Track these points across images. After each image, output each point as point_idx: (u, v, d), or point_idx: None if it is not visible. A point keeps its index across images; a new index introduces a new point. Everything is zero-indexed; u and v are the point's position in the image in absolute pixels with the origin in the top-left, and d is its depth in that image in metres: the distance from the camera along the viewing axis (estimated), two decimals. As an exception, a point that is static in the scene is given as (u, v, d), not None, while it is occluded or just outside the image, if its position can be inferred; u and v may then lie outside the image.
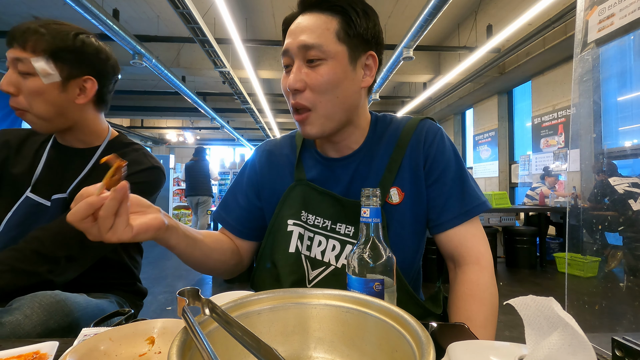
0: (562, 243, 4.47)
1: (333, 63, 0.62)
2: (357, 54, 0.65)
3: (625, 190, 1.91)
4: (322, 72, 0.62)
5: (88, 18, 3.73)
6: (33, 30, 0.77)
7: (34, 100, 0.80)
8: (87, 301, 0.77)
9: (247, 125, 12.63)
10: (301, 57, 0.63)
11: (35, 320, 0.63)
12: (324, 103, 0.64)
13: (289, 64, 0.65)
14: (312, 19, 0.63)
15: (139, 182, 0.88)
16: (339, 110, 0.66)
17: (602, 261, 1.06)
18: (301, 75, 0.63)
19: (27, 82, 0.78)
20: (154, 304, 3.09)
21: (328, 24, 0.62)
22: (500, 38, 4.32)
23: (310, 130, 0.66)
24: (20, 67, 0.77)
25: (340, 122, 0.67)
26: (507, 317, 0.58)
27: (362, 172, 0.73)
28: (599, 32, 0.65)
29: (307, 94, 0.63)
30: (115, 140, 0.97)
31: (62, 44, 0.80)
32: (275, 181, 0.79)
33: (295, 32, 0.64)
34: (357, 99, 0.68)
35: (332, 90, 0.63)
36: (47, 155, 0.91)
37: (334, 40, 0.62)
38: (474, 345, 0.36)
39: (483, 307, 0.62)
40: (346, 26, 0.63)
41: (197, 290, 0.37)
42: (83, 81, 0.85)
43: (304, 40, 0.62)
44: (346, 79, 0.64)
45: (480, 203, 0.69)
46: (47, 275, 0.74)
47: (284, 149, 0.82)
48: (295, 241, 0.73)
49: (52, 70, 0.79)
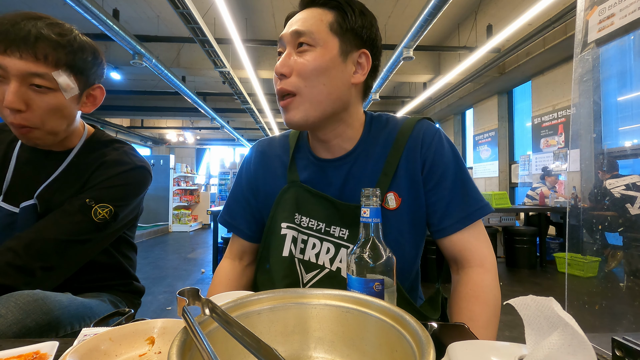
0: (562, 243, 4.47)
1: (321, 50, 0.63)
2: (348, 48, 0.65)
3: (621, 194, 1.91)
4: (309, 58, 0.63)
5: (88, 18, 3.73)
6: (46, 38, 0.70)
7: (52, 116, 0.75)
8: (71, 300, 0.73)
9: (247, 125, 12.64)
10: (292, 44, 0.65)
11: (11, 319, 0.60)
12: (309, 88, 0.63)
13: (282, 52, 0.67)
14: (309, 12, 0.66)
15: (124, 184, 0.84)
16: (324, 99, 0.64)
17: (602, 261, 1.06)
18: (289, 61, 0.64)
19: (47, 97, 0.72)
20: (154, 304, 3.09)
21: (323, 16, 0.65)
22: (500, 38, 4.32)
23: (293, 117, 0.65)
24: (36, 82, 0.70)
25: (325, 113, 0.66)
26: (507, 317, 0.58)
27: (355, 174, 0.71)
28: (599, 32, 0.65)
29: (292, 79, 0.64)
30: (92, 138, 0.90)
31: (80, 55, 0.76)
32: (268, 183, 0.78)
33: (291, 23, 0.66)
34: (347, 93, 0.67)
35: (318, 76, 0.63)
36: (17, 158, 0.85)
37: (326, 30, 0.64)
38: (474, 345, 0.36)
39: (486, 308, 0.62)
40: (340, 20, 0.65)
41: (197, 290, 0.37)
42: (92, 89, 0.83)
43: (296, 28, 0.64)
44: (334, 68, 0.64)
45: (483, 206, 0.68)
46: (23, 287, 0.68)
47: (276, 149, 0.81)
48: (288, 245, 0.72)
49: (73, 83, 0.75)
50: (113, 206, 0.82)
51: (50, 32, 0.71)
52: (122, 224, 0.89)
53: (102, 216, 0.80)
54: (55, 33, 0.72)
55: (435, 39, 6.84)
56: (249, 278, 0.83)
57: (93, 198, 0.80)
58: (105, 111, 9.66)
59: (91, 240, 0.81)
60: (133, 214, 0.93)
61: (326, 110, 0.66)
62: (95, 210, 0.79)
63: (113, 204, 0.82)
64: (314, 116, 0.65)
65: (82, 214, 0.78)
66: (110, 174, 0.83)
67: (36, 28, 0.70)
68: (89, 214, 0.79)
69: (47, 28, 0.71)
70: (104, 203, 0.80)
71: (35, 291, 0.67)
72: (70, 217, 0.77)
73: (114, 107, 9.55)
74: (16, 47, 0.68)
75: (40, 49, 0.69)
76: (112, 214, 0.82)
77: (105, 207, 0.80)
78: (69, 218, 0.77)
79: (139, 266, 3.02)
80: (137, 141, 12.86)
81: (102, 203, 0.80)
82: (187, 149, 14.58)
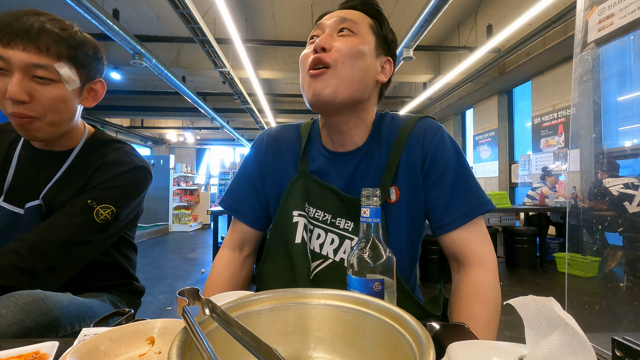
0: (562, 243, 4.47)
1: (361, 39, 0.67)
2: (380, 51, 0.71)
3: (619, 192, 1.91)
4: (350, 40, 0.67)
5: (88, 18, 3.73)
6: (49, 31, 0.72)
7: (54, 108, 0.76)
8: (71, 300, 0.73)
9: (247, 125, 12.64)
10: (334, 27, 0.68)
11: (11, 319, 0.60)
12: (345, 65, 0.65)
13: (317, 35, 0.70)
14: (350, 11, 0.71)
15: (125, 184, 0.85)
16: (357, 81, 0.66)
17: (602, 261, 1.06)
18: (330, 39, 0.67)
19: (50, 88, 0.74)
20: (154, 304, 3.09)
21: (364, 17, 0.70)
22: (500, 38, 4.32)
23: (322, 89, 0.65)
24: (39, 73, 0.72)
25: (353, 96, 0.67)
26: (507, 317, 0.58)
27: (362, 169, 0.73)
28: (598, 32, 0.65)
29: (332, 53, 0.65)
30: (92, 138, 0.91)
31: (82, 48, 0.77)
32: (278, 169, 0.78)
33: (333, 14, 0.71)
34: (372, 86, 0.71)
35: (356, 58, 0.66)
36: (19, 158, 0.85)
37: (367, 27, 0.70)
38: (474, 345, 0.36)
39: (486, 307, 0.62)
40: (377, 26, 0.71)
41: (197, 290, 0.37)
42: (93, 84, 0.84)
43: (342, 15, 0.68)
44: (368, 58, 0.68)
45: (484, 203, 0.68)
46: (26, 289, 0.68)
47: (289, 136, 0.81)
48: (301, 232, 0.73)
49: (75, 76, 0.77)
50: (115, 207, 0.82)
51: (52, 26, 0.72)
52: (123, 224, 0.89)
53: (104, 217, 0.80)
54: (57, 27, 0.73)
55: (435, 39, 6.84)
56: (249, 270, 0.82)
57: (95, 199, 0.80)
58: (105, 111, 9.66)
59: (93, 241, 0.81)
60: (133, 214, 0.93)
61: (355, 93, 0.67)
62: (97, 211, 0.80)
63: (114, 204, 0.82)
64: (342, 96, 0.66)
65: (84, 215, 0.79)
66: (111, 175, 0.84)
67: (39, 22, 0.71)
68: (91, 215, 0.79)
69: (49, 22, 0.73)
70: (105, 204, 0.81)
71: (35, 291, 0.67)
72: (73, 219, 0.78)
73: (114, 107, 9.54)
74: (20, 39, 0.69)
75: (43, 41, 0.71)
76: (113, 215, 0.82)
77: (107, 207, 0.81)
78: (71, 220, 0.78)
79: (139, 266, 3.02)
80: (137, 141, 12.86)
81: (103, 204, 0.81)
82: (187, 149, 14.58)
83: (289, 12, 5.84)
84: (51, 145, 0.86)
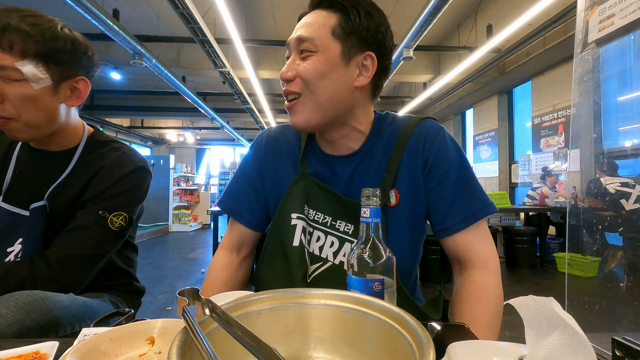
0: (562, 243, 4.47)
1: (321, 56, 0.64)
2: (352, 52, 0.65)
3: (616, 190, 1.93)
4: (309, 63, 0.64)
5: (88, 18, 3.73)
6: (14, 29, 0.69)
7: (25, 107, 0.73)
8: (71, 300, 0.73)
9: (247, 125, 12.64)
10: (297, 49, 0.67)
11: (11, 319, 0.60)
12: (311, 90, 0.65)
13: (289, 57, 0.69)
14: (315, 15, 0.67)
15: (130, 188, 0.85)
16: (326, 102, 0.65)
17: (602, 261, 1.06)
18: (293, 65, 0.66)
19: (14, 88, 0.71)
20: (154, 304, 3.09)
21: (326, 20, 0.65)
22: (500, 38, 4.32)
23: (296, 120, 0.67)
24: (1, 73, 0.69)
25: (327, 116, 0.66)
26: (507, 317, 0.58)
27: (361, 172, 0.72)
28: (599, 32, 0.65)
29: (297, 82, 0.66)
30: (91, 139, 0.90)
31: (53, 44, 0.73)
32: (278, 170, 0.78)
33: (297, 27, 0.68)
34: (350, 96, 0.67)
35: (318, 80, 0.64)
36: (17, 158, 0.85)
37: (328, 36, 0.65)
38: (474, 345, 0.36)
39: (488, 309, 0.62)
40: (344, 23, 0.65)
41: (197, 290, 0.37)
42: (75, 82, 0.80)
43: (300, 34, 0.65)
44: (334, 72, 0.65)
45: (486, 205, 0.68)
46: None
47: (288, 137, 0.80)
48: (299, 235, 0.72)
49: (42, 74, 0.72)
50: (126, 212, 0.84)
51: (20, 23, 0.70)
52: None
53: (118, 224, 0.83)
54: (28, 24, 0.70)
55: (435, 39, 6.84)
56: (246, 271, 0.82)
57: (105, 209, 0.81)
58: (105, 111, 9.65)
59: (113, 249, 0.85)
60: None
61: (328, 113, 0.66)
62: (111, 220, 0.81)
63: (125, 209, 0.84)
64: (316, 119, 0.66)
65: (100, 226, 0.80)
66: (114, 179, 0.83)
67: (6, 19, 0.69)
68: (106, 225, 0.81)
69: (19, 19, 0.70)
70: (117, 211, 0.83)
71: (36, 291, 0.67)
72: (91, 232, 0.80)
73: (114, 107, 9.53)
74: None
75: (6, 39, 0.68)
76: (127, 220, 0.84)
77: (119, 214, 0.83)
78: (90, 233, 0.79)
79: (139, 266, 3.02)
80: (137, 141, 12.85)
81: (115, 212, 0.82)
82: (187, 149, 14.58)
83: (289, 12, 5.84)
84: (47, 146, 0.85)
